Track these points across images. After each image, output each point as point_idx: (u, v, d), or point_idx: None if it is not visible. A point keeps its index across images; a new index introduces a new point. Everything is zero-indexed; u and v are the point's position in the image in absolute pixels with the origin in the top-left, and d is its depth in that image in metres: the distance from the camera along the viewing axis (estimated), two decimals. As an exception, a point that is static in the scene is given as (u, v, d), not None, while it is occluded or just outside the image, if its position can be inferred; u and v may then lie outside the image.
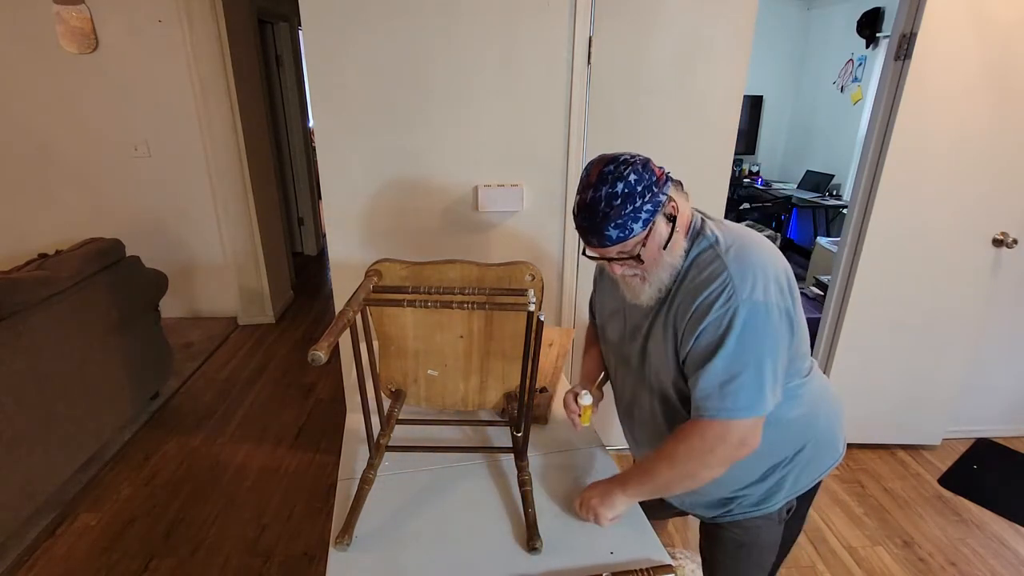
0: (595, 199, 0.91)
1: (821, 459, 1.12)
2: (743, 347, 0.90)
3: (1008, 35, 1.90)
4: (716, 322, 0.91)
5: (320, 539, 2.00)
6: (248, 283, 3.66)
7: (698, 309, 0.93)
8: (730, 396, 0.90)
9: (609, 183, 0.90)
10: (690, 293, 0.95)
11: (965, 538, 2.05)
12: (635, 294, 1.02)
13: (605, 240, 0.93)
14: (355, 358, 1.01)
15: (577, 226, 0.96)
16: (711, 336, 0.91)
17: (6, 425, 1.81)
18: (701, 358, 0.93)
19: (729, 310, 0.90)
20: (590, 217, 0.92)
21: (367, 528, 1.01)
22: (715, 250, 0.95)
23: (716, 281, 0.92)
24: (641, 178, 0.90)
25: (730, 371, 0.90)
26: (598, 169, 0.92)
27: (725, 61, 1.82)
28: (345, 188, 1.83)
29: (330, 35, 1.68)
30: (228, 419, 2.70)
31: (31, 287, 1.96)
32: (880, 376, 2.36)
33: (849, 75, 4.64)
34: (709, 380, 0.92)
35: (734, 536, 1.16)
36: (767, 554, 1.18)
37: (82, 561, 1.89)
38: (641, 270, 0.98)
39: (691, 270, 0.97)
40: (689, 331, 0.94)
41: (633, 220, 0.90)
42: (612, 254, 0.96)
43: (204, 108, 3.23)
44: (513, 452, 1.22)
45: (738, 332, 0.89)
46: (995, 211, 2.11)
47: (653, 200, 0.91)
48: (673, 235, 0.95)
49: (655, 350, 1.04)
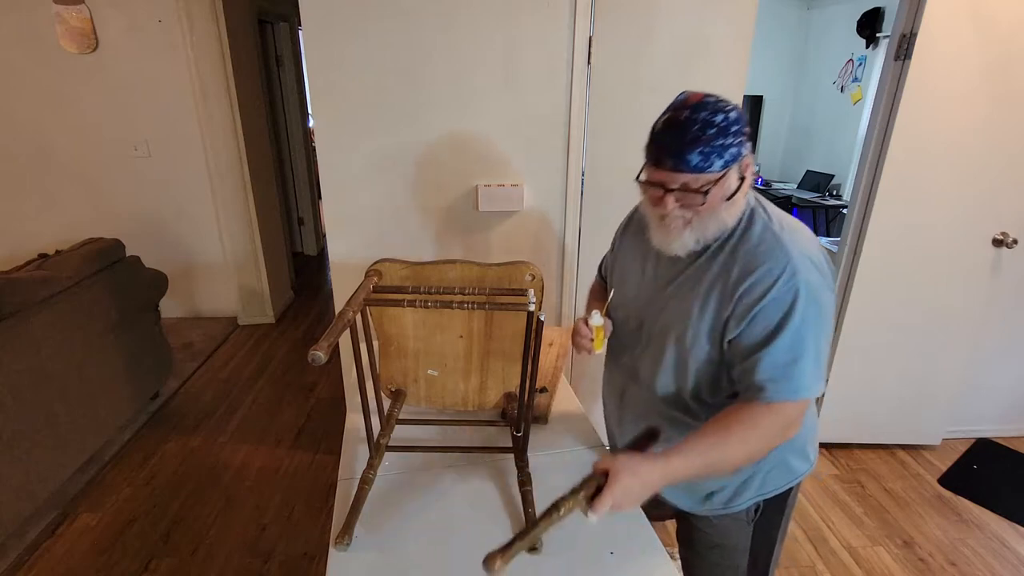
0: (690, 119, 0.87)
1: (791, 466, 1.11)
2: (805, 328, 0.89)
3: (1008, 35, 1.90)
4: (777, 302, 0.89)
5: (320, 539, 2.00)
6: (248, 283, 3.66)
7: (755, 287, 0.91)
8: (794, 378, 0.89)
9: (709, 110, 0.87)
10: (746, 265, 0.93)
11: (965, 538, 2.05)
12: (668, 240, 0.97)
13: (683, 164, 0.88)
14: (355, 358, 1.01)
15: (655, 143, 0.91)
16: (772, 317, 0.90)
17: (6, 425, 1.81)
18: (761, 339, 0.91)
19: (790, 291, 0.89)
20: (678, 135, 0.87)
21: (367, 528, 1.01)
22: (771, 228, 0.94)
23: (774, 260, 0.90)
24: (739, 119, 0.88)
25: (793, 352, 0.89)
26: (699, 96, 0.89)
27: (725, 61, 1.82)
28: (345, 188, 1.83)
29: (330, 35, 1.68)
30: (228, 419, 2.70)
31: (31, 287, 1.96)
32: (880, 376, 2.36)
33: (849, 75, 4.64)
34: (772, 361, 0.90)
35: (707, 537, 1.16)
36: (739, 555, 1.18)
37: (82, 561, 1.89)
38: (692, 212, 0.93)
39: (743, 239, 0.95)
40: (744, 307, 0.92)
41: (718, 155, 0.87)
42: (677, 183, 0.90)
43: (204, 108, 3.23)
44: (513, 452, 1.22)
45: (800, 313, 0.89)
46: (995, 211, 2.11)
47: (740, 145, 0.89)
48: (737, 193, 0.93)
49: (678, 306, 1.01)
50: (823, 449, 2.51)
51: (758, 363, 0.91)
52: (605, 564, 0.96)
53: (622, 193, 1.88)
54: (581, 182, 1.90)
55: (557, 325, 2.08)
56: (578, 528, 1.03)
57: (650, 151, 0.93)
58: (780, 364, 0.90)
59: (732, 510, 1.12)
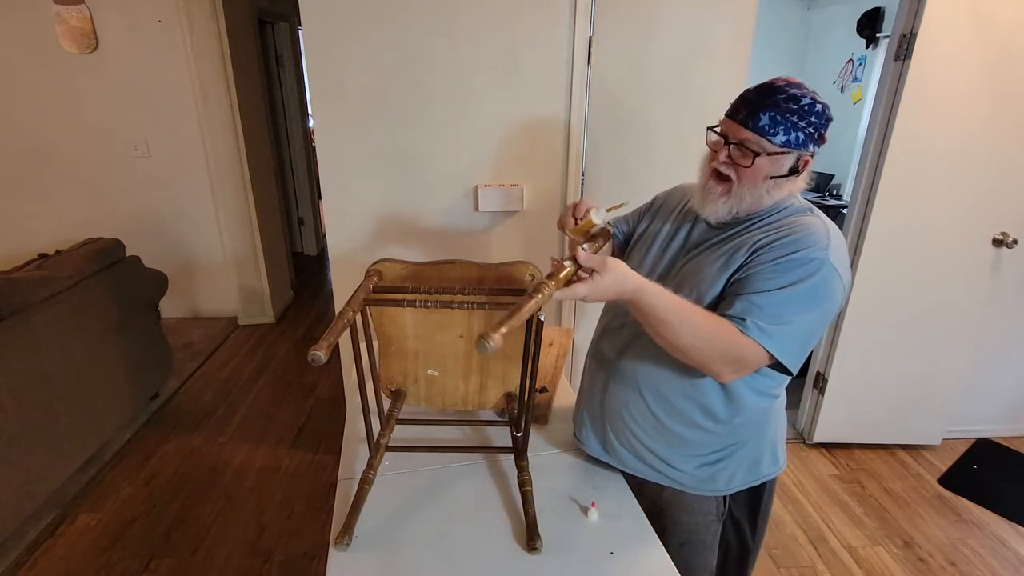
0: (779, 87, 0.92)
1: (760, 464, 1.13)
2: (809, 302, 0.90)
3: (1008, 35, 1.90)
4: (797, 263, 0.90)
5: (320, 539, 2.00)
6: (248, 283, 3.66)
7: (783, 247, 0.91)
8: (774, 334, 0.89)
9: (799, 89, 0.92)
10: (783, 232, 0.93)
11: (965, 538, 2.05)
12: (704, 202, 1.01)
13: (751, 119, 0.92)
14: (355, 358, 1.01)
15: (740, 97, 0.95)
16: (785, 275, 0.90)
17: (6, 425, 1.81)
18: (764, 286, 0.91)
19: (814, 264, 0.89)
20: (761, 95, 0.92)
21: (367, 528, 1.01)
22: (820, 219, 0.96)
23: (814, 238, 0.91)
24: (822, 114, 0.93)
25: (785, 312, 0.89)
26: (799, 80, 0.93)
27: (725, 61, 1.82)
28: (345, 188, 1.83)
29: (330, 35, 1.68)
30: (228, 419, 2.70)
31: (31, 287, 1.96)
32: (880, 376, 2.36)
33: (849, 75, 4.63)
34: (764, 306, 0.90)
35: (678, 532, 1.17)
36: (708, 554, 1.19)
37: (82, 561, 1.89)
38: (738, 177, 0.96)
39: (788, 219, 0.96)
40: (763, 259, 0.92)
41: (786, 130, 0.91)
42: (738, 138, 0.94)
43: (204, 108, 3.23)
44: (513, 452, 1.22)
45: (811, 286, 0.89)
46: (995, 211, 2.12)
47: (809, 137, 0.93)
48: (785, 179, 0.96)
49: (698, 266, 1.01)
50: (823, 449, 2.51)
51: (749, 301, 0.90)
52: (605, 564, 0.96)
53: (622, 193, 1.89)
54: (581, 182, 1.90)
55: (557, 325, 2.08)
56: (578, 528, 1.03)
57: (731, 105, 0.97)
58: (769, 314, 0.89)
59: (700, 492, 1.12)
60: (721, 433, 1.07)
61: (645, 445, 1.11)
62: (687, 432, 1.07)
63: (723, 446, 1.09)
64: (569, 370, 2.11)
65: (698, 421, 1.05)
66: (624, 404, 1.10)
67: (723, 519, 1.18)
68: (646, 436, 1.10)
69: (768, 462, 1.14)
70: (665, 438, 1.09)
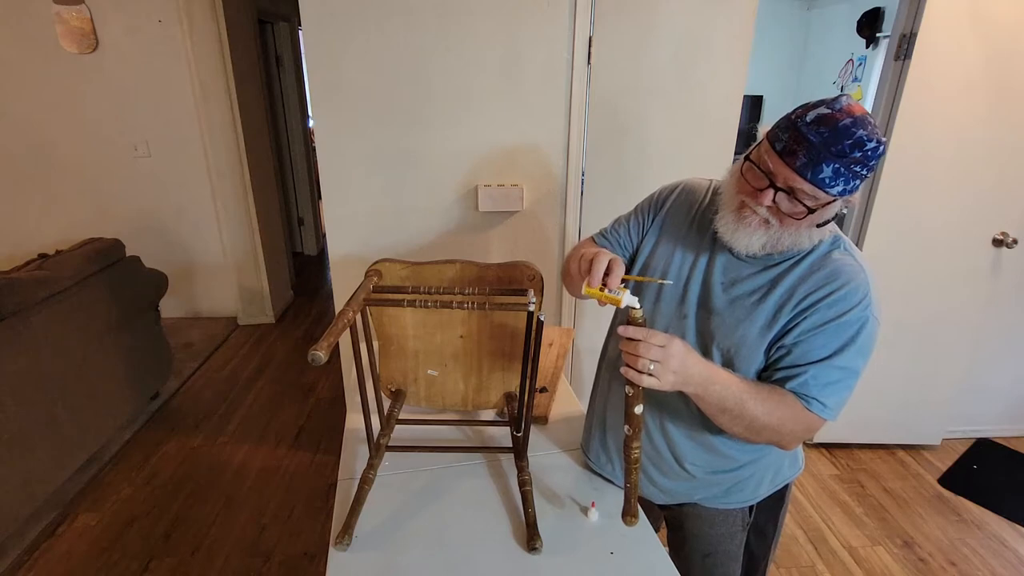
0: (847, 130, 0.78)
1: (784, 468, 1.14)
2: (858, 358, 0.90)
3: (1008, 35, 1.90)
4: (848, 325, 0.89)
5: (320, 539, 2.00)
6: (248, 283, 3.66)
7: (833, 305, 0.89)
8: (832, 397, 0.91)
9: (864, 128, 0.78)
10: (827, 281, 0.90)
11: (965, 538, 2.05)
12: (737, 234, 0.91)
13: (815, 171, 0.79)
14: (355, 358, 1.01)
15: (796, 132, 0.80)
16: (838, 338, 0.90)
17: (6, 425, 1.81)
18: (819, 355, 0.90)
19: (861, 320, 0.89)
20: (826, 142, 0.78)
21: (367, 528, 1.01)
22: (853, 257, 0.93)
23: (856, 285, 0.89)
24: (882, 155, 0.81)
25: (841, 375, 0.90)
26: (862, 110, 0.80)
27: (725, 61, 1.82)
28: (345, 188, 1.83)
29: (330, 35, 1.68)
30: (228, 419, 2.69)
31: (31, 287, 1.96)
32: (880, 376, 2.35)
33: (849, 75, 4.63)
34: (821, 377, 0.90)
35: (701, 546, 1.16)
36: (732, 565, 1.18)
37: (82, 561, 1.89)
38: (781, 219, 0.87)
39: (825, 259, 0.92)
40: (812, 322, 0.90)
41: (846, 181, 0.80)
42: (788, 184, 0.83)
43: (204, 108, 3.23)
44: (513, 452, 1.22)
45: (861, 342, 0.90)
46: (995, 211, 2.11)
47: (863, 180, 0.83)
48: (828, 223, 0.89)
49: (738, 316, 0.95)
50: (823, 449, 2.51)
51: (807, 374, 0.91)
52: (605, 564, 0.96)
53: (622, 193, 1.89)
54: (581, 182, 1.90)
55: (557, 325, 2.08)
56: (578, 528, 1.03)
57: (781, 136, 0.82)
58: (825, 382, 0.90)
59: (725, 505, 1.12)
60: (739, 455, 1.07)
61: (667, 477, 1.11)
62: (711, 456, 1.07)
63: (742, 464, 1.08)
64: (569, 370, 2.11)
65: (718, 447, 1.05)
66: (646, 432, 1.07)
67: (748, 528, 1.16)
68: (668, 470, 1.10)
69: (788, 464, 1.14)
70: (717, 455, 1.07)
